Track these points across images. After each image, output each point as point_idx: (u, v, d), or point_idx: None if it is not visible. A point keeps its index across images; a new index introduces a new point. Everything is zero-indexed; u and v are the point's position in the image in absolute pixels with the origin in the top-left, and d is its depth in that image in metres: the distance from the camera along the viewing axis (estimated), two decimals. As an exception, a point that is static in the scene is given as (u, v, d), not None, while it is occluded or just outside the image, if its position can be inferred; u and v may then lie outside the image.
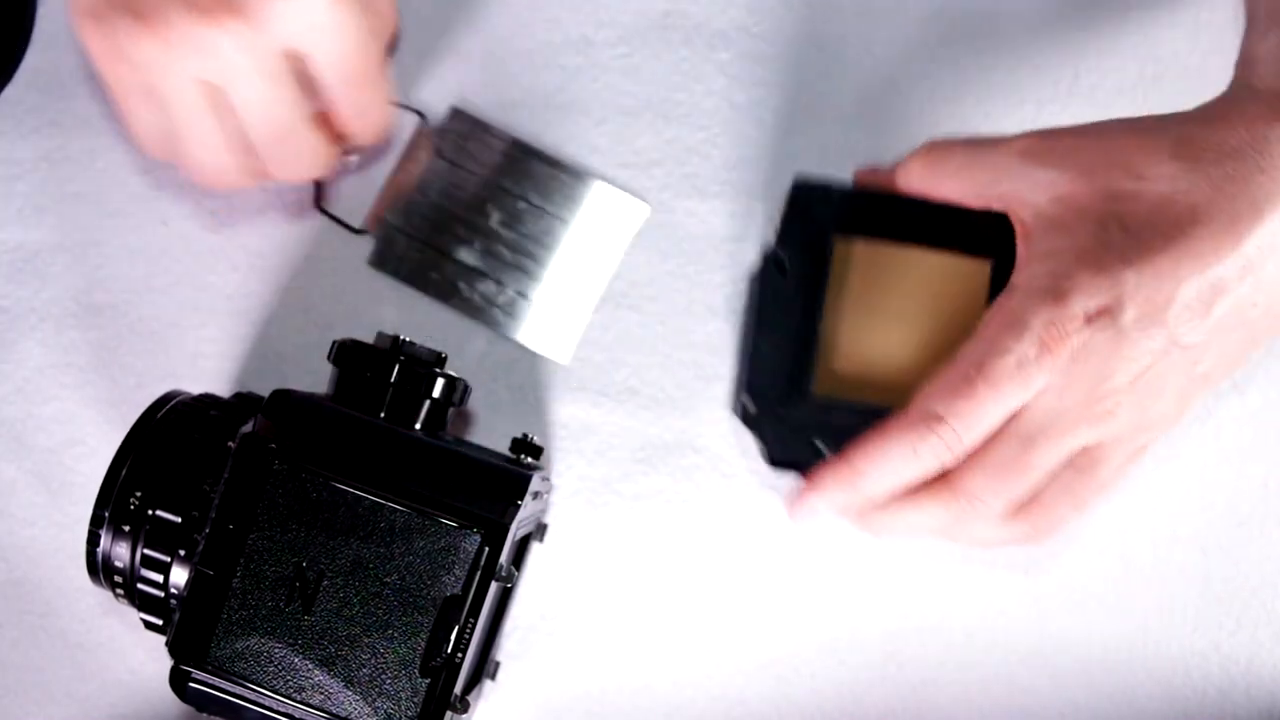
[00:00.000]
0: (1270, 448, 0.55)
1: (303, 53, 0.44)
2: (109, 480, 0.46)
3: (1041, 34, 0.56)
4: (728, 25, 0.57)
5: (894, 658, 0.55)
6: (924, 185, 0.47)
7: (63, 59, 0.57)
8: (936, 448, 0.43)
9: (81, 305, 0.56)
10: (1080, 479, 0.45)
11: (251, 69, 0.43)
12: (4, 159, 0.57)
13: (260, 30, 0.42)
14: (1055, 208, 0.44)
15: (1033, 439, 0.43)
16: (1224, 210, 0.41)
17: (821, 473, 0.46)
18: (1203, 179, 0.41)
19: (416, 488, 0.44)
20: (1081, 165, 0.43)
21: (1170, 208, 0.42)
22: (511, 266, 0.54)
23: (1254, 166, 0.41)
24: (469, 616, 0.43)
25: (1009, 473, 0.44)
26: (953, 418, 0.43)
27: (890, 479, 0.45)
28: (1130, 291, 0.42)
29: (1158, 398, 0.43)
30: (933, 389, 0.44)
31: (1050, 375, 0.42)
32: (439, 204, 0.55)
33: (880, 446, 0.44)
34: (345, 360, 0.48)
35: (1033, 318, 0.42)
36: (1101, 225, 0.42)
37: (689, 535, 0.55)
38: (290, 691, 0.44)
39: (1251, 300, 0.42)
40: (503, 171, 0.55)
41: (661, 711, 0.55)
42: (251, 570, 0.44)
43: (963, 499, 0.44)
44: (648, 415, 0.55)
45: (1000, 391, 0.43)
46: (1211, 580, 0.55)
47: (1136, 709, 0.55)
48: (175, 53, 0.42)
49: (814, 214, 0.49)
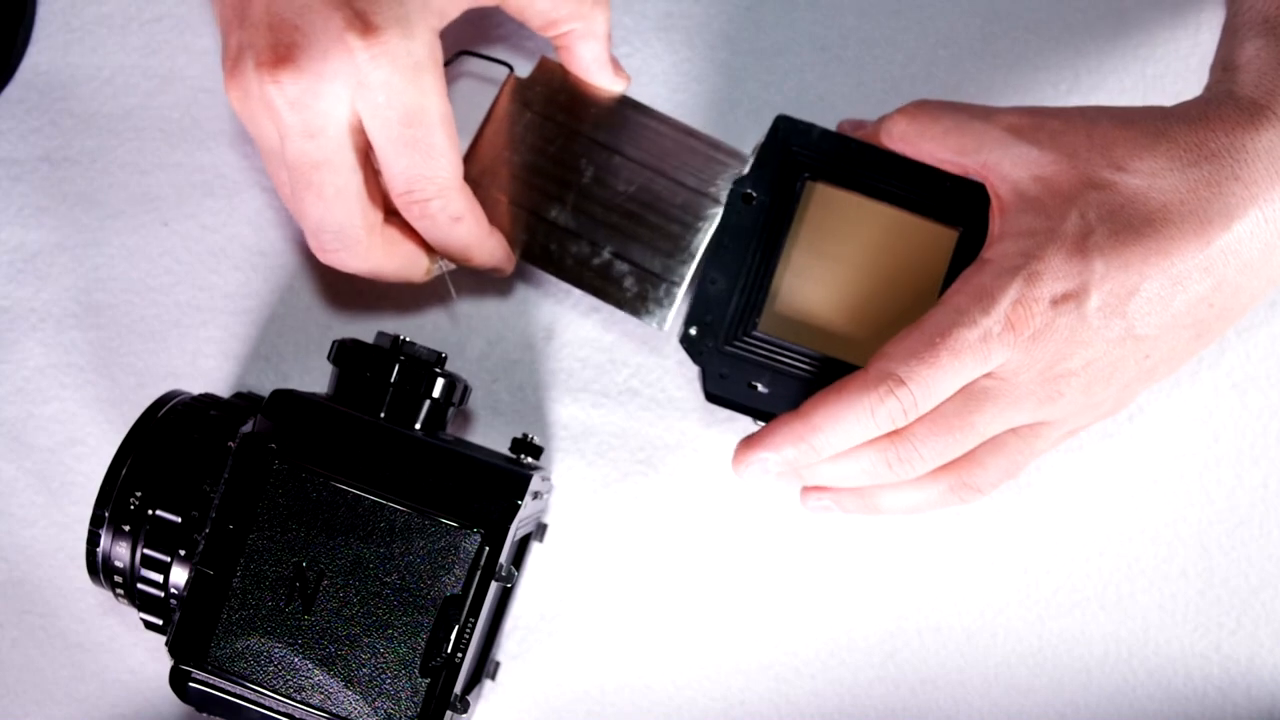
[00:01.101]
0: (1270, 448, 0.55)
1: (361, 115, 0.44)
2: (109, 480, 0.46)
3: (1042, 35, 0.56)
4: (729, 25, 0.57)
5: (894, 658, 0.55)
6: (907, 142, 0.48)
7: (63, 59, 0.57)
8: (894, 410, 0.44)
9: (81, 305, 0.56)
10: (1017, 441, 0.46)
11: (295, 124, 0.43)
12: (4, 159, 0.57)
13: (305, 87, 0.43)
14: (1035, 187, 0.44)
15: (979, 401, 0.44)
16: (1196, 212, 0.42)
17: (775, 428, 0.46)
18: (1179, 179, 0.42)
19: (416, 488, 0.44)
20: (1065, 148, 0.44)
21: (1145, 203, 0.42)
22: (605, 226, 0.50)
23: (1229, 173, 0.42)
24: (469, 616, 0.43)
25: (950, 426, 0.44)
26: (912, 382, 0.43)
27: (844, 438, 0.45)
28: (1097, 280, 0.42)
29: (1106, 385, 0.44)
30: (894, 351, 0.44)
31: (1010, 352, 0.43)
32: (528, 160, 0.51)
33: (838, 405, 0.45)
34: (345, 360, 0.48)
35: (1002, 294, 0.43)
36: (1078, 211, 0.43)
37: (689, 536, 0.55)
38: (290, 691, 0.44)
39: (1208, 300, 0.43)
40: (596, 124, 0.50)
41: (661, 711, 0.55)
42: (251, 570, 0.44)
43: (902, 444, 0.45)
44: (648, 416, 0.56)
45: (961, 361, 0.43)
46: (1211, 580, 0.55)
47: (1136, 709, 0.55)
48: (247, 105, 0.44)
49: (791, 151, 0.48)
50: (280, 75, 0.42)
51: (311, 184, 0.45)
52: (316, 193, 0.45)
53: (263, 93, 0.43)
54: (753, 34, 0.56)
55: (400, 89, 0.43)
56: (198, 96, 0.57)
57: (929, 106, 0.47)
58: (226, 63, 0.44)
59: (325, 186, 0.45)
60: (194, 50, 0.57)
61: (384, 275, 0.48)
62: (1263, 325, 0.55)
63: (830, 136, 0.48)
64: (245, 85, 0.43)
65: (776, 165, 0.48)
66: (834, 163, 0.48)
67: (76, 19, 0.57)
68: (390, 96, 0.43)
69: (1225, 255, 0.42)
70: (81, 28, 0.57)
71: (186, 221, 0.56)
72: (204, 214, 0.56)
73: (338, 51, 0.42)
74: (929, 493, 0.47)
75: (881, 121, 0.49)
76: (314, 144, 0.44)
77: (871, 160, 0.48)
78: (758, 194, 0.48)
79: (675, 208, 0.50)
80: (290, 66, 0.42)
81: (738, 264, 0.48)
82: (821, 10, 0.57)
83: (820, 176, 0.48)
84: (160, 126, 0.57)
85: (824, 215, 0.48)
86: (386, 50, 0.43)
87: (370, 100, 0.43)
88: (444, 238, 0.47)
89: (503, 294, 0.56)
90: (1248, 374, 0.55)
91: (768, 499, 0.55)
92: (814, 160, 0.48)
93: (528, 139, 0.50)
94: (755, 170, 0.48)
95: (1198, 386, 0.55)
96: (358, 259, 0.47)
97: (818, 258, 0.48)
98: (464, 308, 0.56)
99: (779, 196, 0.48)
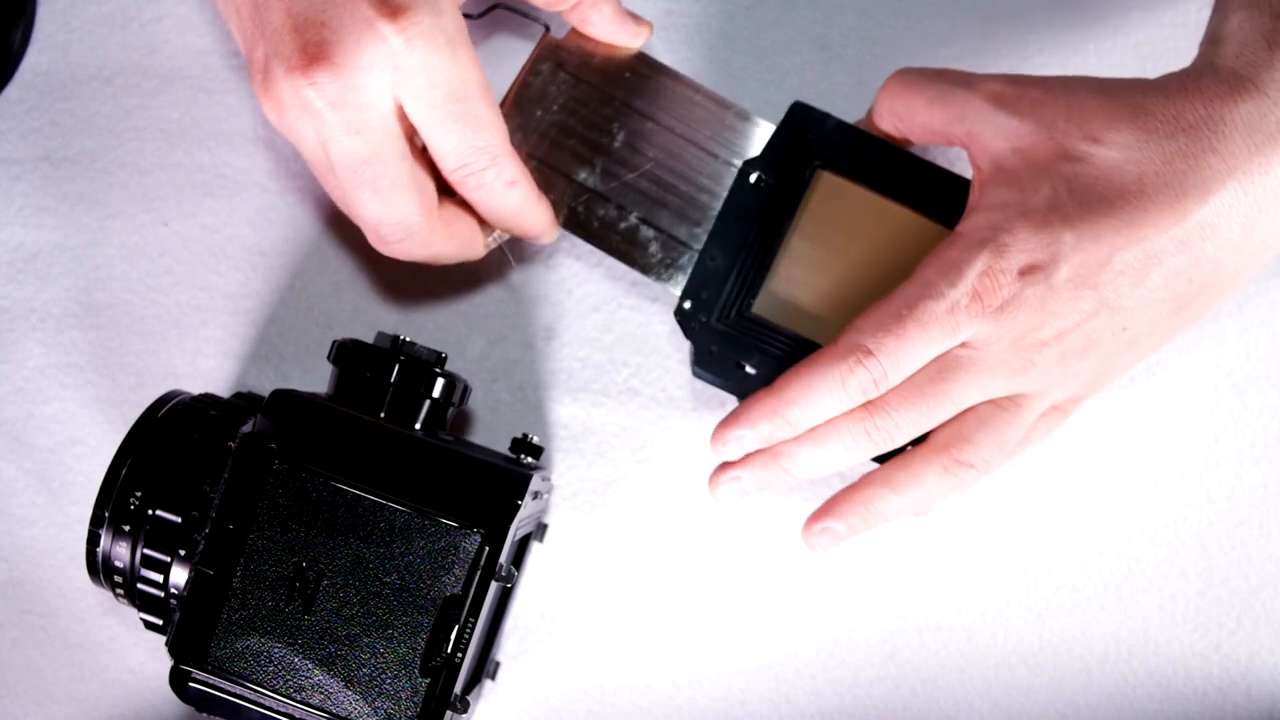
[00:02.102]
0: (1270, 448, 0.55)
1: (401, 100, 0.44)
2: (109, 480, 0.46)
3: (1042, 33, 0.56)
4: (729, 25, 0.57)
5: (894, 658, 0.55)
6: (897, 117, 0.48)
7: (63, 59, 0.57)
8: (863, 381, 0.44)
9: (81, 305, 0.56)
10: (999, 413, 0.46)
11: (339, 123, 0.43)
12: (4, 159, 0.57)
13: (344, 82, 0.42)
14: (1013, 159, 0.44)
15: (952, 369, 0.44)
16: (1171, 185, 0.42)
17: (750, 404, 0.46)
18: (1155, 151, 0.42)
19: (416, 488, 0.44)
20: (1044, 119, 0.44)
21: (1119, 175, 0.42)
22: (634, 191, 0.50)
23: (1206, 146, 0.42)
24: (469, 616, 0.43)
25: (924, 394, 0.45)
26: (880, 353, 0.44)
27: (816, 410, 0.45)
28: (1066, 252, 0.42)
29: (1081, 357, 0.44)
30: (864, 323, 0.45)
31: (979, 324, 0.43)
32: (559, 121, 0.50)
33: (809, 377, 0.45)
34: (345, 360, 0.48)
35: (969, 266, 0.43)
36: (1051, 183, 0.43)
37: (689, 536, 0.55)
38: (290, 691, 0.44)
39: (1187, 275, 0.43)
40: (631, 89, 0.50)
41: (661, 711, 0.55)
42: (251, 570, 0.44)
43: (877, 413, 0.45)
44: (648, 416, 0.56)
45: (928, 333, 0.44)
46: (1211, 580, 0.55)
47: (1136, 709, 0.55)
48: (284, 115, 0.44)
49: (804, 138, 0.48)
50: (315, 75, 0.42)
51: (365, 180, 0.44)
52: (372, 188, 0.44)
53: (299, 98, 0.42)
54: (753, 33, 0.56)
55: (440, 67, 0.43)
56: (198, 96, 0.57)
57: (912, 76, 0.47)
58: (255, 76, 0.44)
59: (380, 180, 0.44)
60: (194, 50, 0.57)
61: (445, 258, 0.48)
62: (1263, 325, 0.55)
63: (845, 128, 0.48)
64: (279, 94, 0.43)
65: (787, 150, 0.48)
66: (845, 154, 0.48)
67: (76, 19, 0.57)
68: (430, 76, 0.43)
69: (1202, 229, 0.42)
70: (81, 28, 0.57)
71: (186, 221, 0.56)
72: (204, 214, 0.56)
73: (370, 40, 0.42)
74: (925, 479, 0.46)
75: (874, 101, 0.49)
76: (361, 139, 0.43)
77: (883, 156, 0.48)
78: (766, 176, 0.48)
79: (704, 177, 0.50)
80: (325, 64, 0.42)
81: (739, 243, 0.48)
82: (822, 9, 0.57)
83: (830, 166, 0.48)
84: (160, 126, 0.57)
85: (830, 205, 0.48)
86: (421, 30, 0.42)
87: (410, 83, 0.43)
88: (499, 206, 0.47)
89: (503, 294, 0.56)
90: (1248, 374, 0.55)
91: (766, 500, 0.55)
92: (826, 149, 0.48)
93: (560, 99, 0.50)
94: (766, 153, 0.48)
95: (1198, 386, 0.55)
96: (421, 245, 0.47)
97: (818, 246, 0.48)
98: (464, 307, 0.56)
99: (787, 181, 0.48)
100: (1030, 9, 0.56)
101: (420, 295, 0.56)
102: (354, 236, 0.56)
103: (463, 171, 0.45)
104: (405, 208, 0.45)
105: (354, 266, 0.56)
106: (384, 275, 0.56)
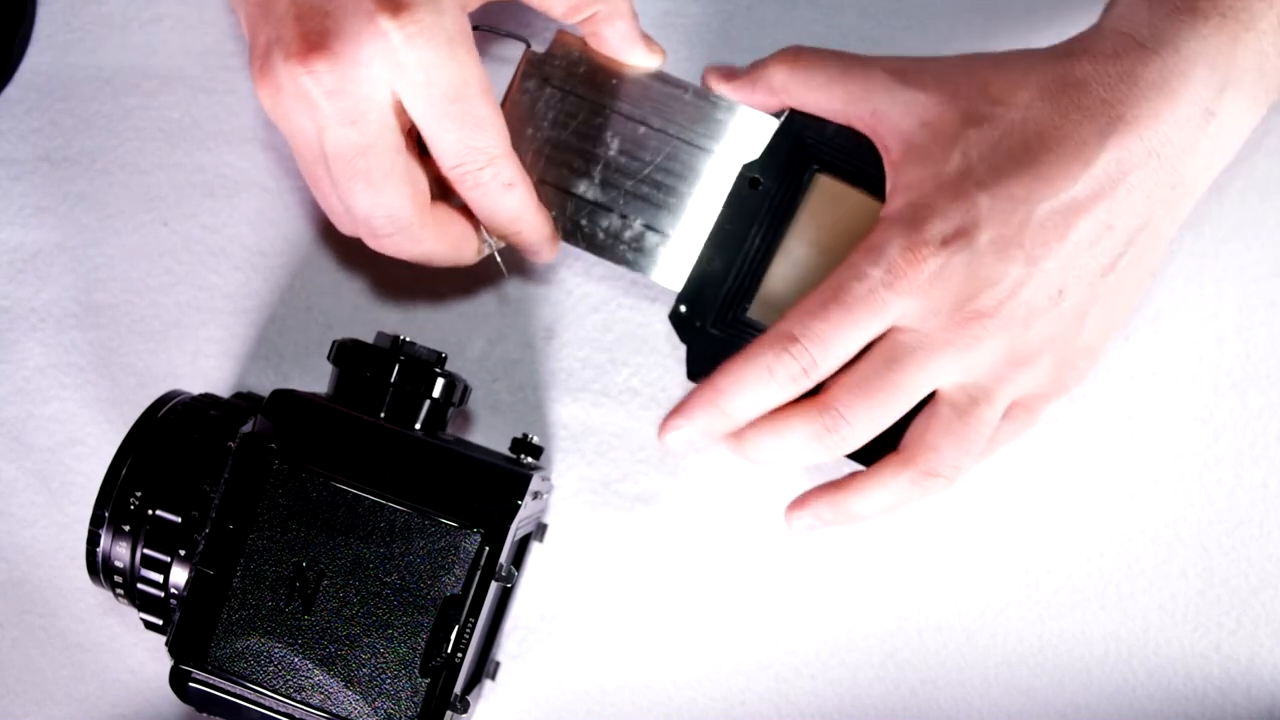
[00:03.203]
0: (1270, 448, 0.55)
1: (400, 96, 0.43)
2: (109, 480, 0.46)
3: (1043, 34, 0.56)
4: (728, 25, 0.57)
5: (894, 658, 0.55)
6: (788, 92, 0.48)
7: (63, 59, 0.57)
8: (791, 368, 0.44)
9: (81, 305, 0.56)
10: (959, 416, 0.46)
11: (334, 113, 0.43)
12: (4, 159, 0.57)
13: (342, 73, 0.42)
14: (922, 134, 0.45)
15: (897, 357, 0.44)
16: (1070, 136, 0.43)
17: (690, 397, 0.47)
18: (1051, 107, 0.43)
19: (416, 488, 0.44)
20: (948, 90, 0.45)
21: (1023, 133, 0.43)
22: (635, 197, 0.49)
23: (1096, 97, 0.43)
24: (469, 616, 0.43)
25: (872, 388, 0.45)
26: (806, 339, 0.44)
27: (750, 400, 0.45)
28: (985, 215, 0.43)
29: (1025, 327, 0.44)
30: (792, 311, 0.45)
31: (908, 300, 0.44)
32: (551, 136, 0.49)
33: (739, 367, 0.45)
34: (345, 360, 0.48)
35: (889, 244, 0.44)
36: (960, 150, 0.44)
37: (689, 535, 0.55)
38: (290, 691, 0.44)
39: (1106, 223, 0.43)
40: (618, 95, 0.49)
41: (661, 711, 0.55)
42: (251, 570, 0.44)
43: (828, 413, 0.45)
44: (648, 416, 0.56)
45: (854, 315, 0.44)
46: (1211, 580, 0.55)
47: (1136, 709, 0.55)
48: (279, 102, 0.43)
49: (804, 143, 0.48)
50: (314, 64, 0.42)
51: (358, 171, 0.44)
52: (364, 179, 0.44)
53: (296, 85, 0.42)
54: (753, 33, 0.56)
55: (440, 65, 0.43)
56: (198, 96, 0.57)
57: (809, 54, 0.48)
58: (255, 61, 0.44)
59: (373, 171, 0.44)
60: (194, 50, 0.57)
61: (436, 259, 0.48)
62: (1263, 325, 0.55)
63: (844, 132, 0.48)
64: (276, 80, 0.43)
65: (787, 153, 0.48)
66: (845, 158, 0.48)
67: (76, 19, 0.57)
68: (430, 74, 0.43)
69: (1109, 175, 0.43)
70: (81, 28, 0.57)
71: (186, 221, 0.56)
72: (204, 214, 0.56)
73: (370, 33, 0.42)
74: (893, 488, 0.47)
75: (755, 68, 0.48)
76: (356, 130, 0.43)
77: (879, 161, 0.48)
78: (765, 180, 0.48)
79: (703, 174, 0.49)
80: (324, 53, 0.42)
81: (736, 246, 0.48)
82: (821, 9, 0.57)
83: (829, 170, 0.48)
84: (160, 126, 0.57)
85: (827, 209, 0.48)
86: (421, 28, 0.42)
87: (410, 80, 0.43)
88: (496, 208, 0.47)
89: (503, 294, 0.56)
90: (1248, 374, 0.55)
91: (766, 500, 0.55)
92: (824, 153, 0.48)
93: (549, 115, 0.50)
94: (765, 156, 0.48)
95: (1198, 386, 0.55)
96: (411, 241, 0.46)
97: (815, 250, 0.48)
98: (464, 307, 0.56)
99: (786, 185, 0.48)
100: (1030, 9, 0.56)
101: (420, 295, 0.56)
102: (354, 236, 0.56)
103: (459, 170, 0.45)
104: (396, 201, 0.45)
105: (354, 266, 0.56)
106: (384, 275, 0.56)
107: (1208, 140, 0.44)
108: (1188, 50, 0.43)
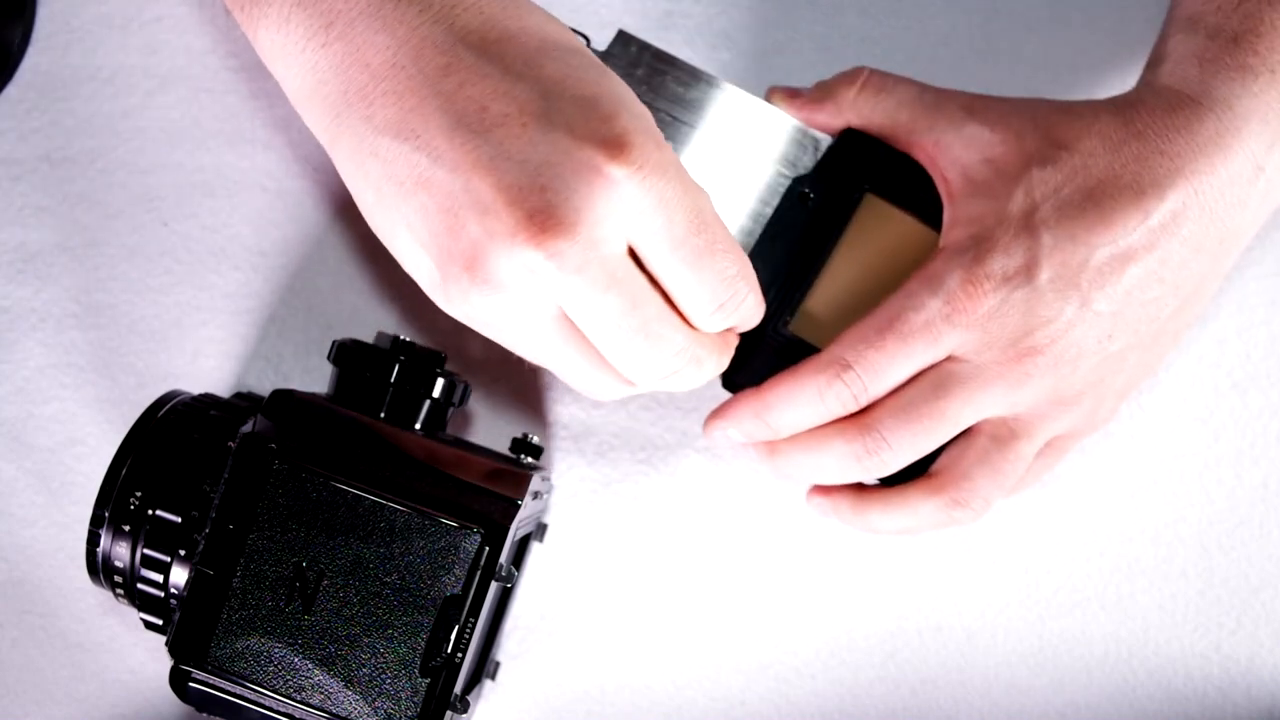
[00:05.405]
0: (1270, 448, 0.55)
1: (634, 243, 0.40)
2: (109, 480, 0.46)
3: (1042, 33, 0.56)
4: (729, 25, 0.57)
5: (894, 658, 0.55)
6: (856, 112, 0.48)
7: (63, 59, 0.57)
8: (842, 394, 0.45)
9: (81, 305, 0.56)
10: (998, 449, 0.46)
11: (588, 284, 0.39)
12: (4, 159, 0.57)
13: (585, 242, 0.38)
14: (984, 170, 0.45)
15: (947, 387, 0.45)
16: (1130, 185, 0.44)
17: (736, 401, 0.47)
18: (1113, 155, 0.44)
19: (416, 487, 0.44)
20: (1013, 129, 0.45)
21: (1086, 177, 0.44)
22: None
23: (1154, 148, 0.44)
24: (469, 616, 0.43)
25: (919, 415, 0.45)
26: (860, 366, 0.44)
27: (795, 417, 0.46)
28: (1047, 253, 0.43)
29: (1073, 367, 0.45)
30: (847, 337, 0.45)
31: (965, 333, 0.44)
32: None
33: (791, 385, 0.46)
34: (345, 360, 0.48)
35: (949, 276, 0.44)
36: (1024, 190, 0.44)
37: (689, 536, 0.55)
38: (290, 691, 0.44)
39: (1158, 275, 0.44)
40: (680, 103, 0.48)
41: (661, 711, 0.55)
42: (251, 570, 0.44)
43: (870, 435, 0.45)
44: (648, 415, 0.56)
45: (909, 345, 0.44)
46: (1211, 580, 0.55)
47: (1136, 709, 0.55)
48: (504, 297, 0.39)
49: (857, 162, 0.48)
50: (551, 244, 0.38)
51: (633, 329, 0.40)
52: (643, 334, 0.40)
53: (534, 276, 0.38)
54: (753, 34, 0.56)
55: (677, 201, 0.39)
56: (198, 96, 0.57)
57: (880, 77, 0.48)
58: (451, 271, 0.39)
59: (649, 323, 0.40)
60: (194, 50, 0.57)
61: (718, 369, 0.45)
62: (1263, 325, 0.55)
63: (897, 156, 0.48)
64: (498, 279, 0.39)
65: (839, 171, 0.48)
66: (897, 181, 0.48)
67: (76, 19, 0.57)
68: (670, 214, 0.39)
69: (1165, 226, 0.43)
70: (81, 28, 0.57)
71: (186, 221, 0.56)
72: (204, 214, 0.56)
73: (601, 187, 0.38)
74: (919, 512, 0.47)
75: (822, 86, 0.49)
76: (616, 292, 0.39)
77: (932, 185, 0.48)
78: (815, 195, 0.48)
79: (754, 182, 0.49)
80: (560, 228, 0.38)
81: (781, 258, 0.48)
82: (821, 10, 0.57)
83: (880, 191, 0.48)
84: (160, 126, 0.57)
85: (875, 230, 0.49)
86: (652, 165, 0.39)
87: (648, 225, 0.39)
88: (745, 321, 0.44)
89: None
90: (1248, 374, 0.55)
91: (766, 500, 0.55)
92: (877, 175, 0.48)
93: None
94: (817, 171, 0.49)
95: (1198, 386, 0.55)
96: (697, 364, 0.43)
97: (860, 269, 0.48)
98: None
99: (837, 203, 0.48)
100: (1030, 8, 0.56)
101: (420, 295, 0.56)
102: (354, 236, 0.56)
103: (722, 313, 0.42)
104: (676, 333, 0.41)
105: (354, 266, 0.56)
106: (384, 275, 0.56)
107: (1257, 195, 0.44)
108: (1241, 107, 0.43)
